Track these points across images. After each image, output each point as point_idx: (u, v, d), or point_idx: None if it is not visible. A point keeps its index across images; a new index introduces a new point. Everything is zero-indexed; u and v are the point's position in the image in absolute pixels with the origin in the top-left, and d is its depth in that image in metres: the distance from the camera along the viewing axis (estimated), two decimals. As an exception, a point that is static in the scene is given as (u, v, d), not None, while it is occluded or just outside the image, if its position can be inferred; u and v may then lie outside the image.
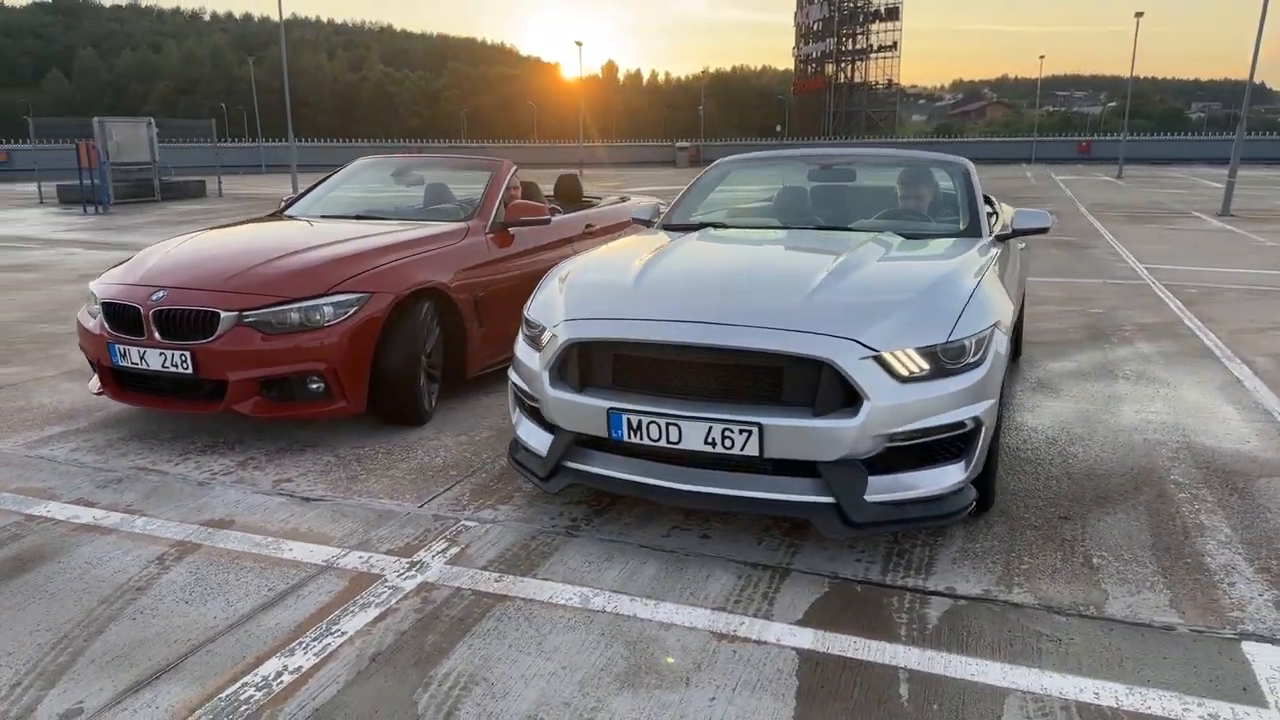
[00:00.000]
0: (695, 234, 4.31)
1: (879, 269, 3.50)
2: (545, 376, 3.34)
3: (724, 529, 3.41)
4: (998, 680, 2.47)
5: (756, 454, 2.99)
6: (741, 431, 2.98)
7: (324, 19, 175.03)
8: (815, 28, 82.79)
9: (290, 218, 5.62)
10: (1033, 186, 29.56)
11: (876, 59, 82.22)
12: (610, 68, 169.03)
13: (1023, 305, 5.71)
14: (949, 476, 3.09)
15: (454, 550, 3.26)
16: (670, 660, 2.56)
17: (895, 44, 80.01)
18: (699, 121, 75.65)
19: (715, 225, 4.50)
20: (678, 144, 63.83)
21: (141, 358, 4.26)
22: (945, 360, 3.06)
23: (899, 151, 5.18)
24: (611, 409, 3.15)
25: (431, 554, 3.23)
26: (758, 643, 2.66)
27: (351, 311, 4.25)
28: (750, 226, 4.52)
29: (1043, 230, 4.36)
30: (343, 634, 2.72)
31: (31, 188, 24.39)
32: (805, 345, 2.96)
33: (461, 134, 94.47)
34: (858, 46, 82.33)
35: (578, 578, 3.05)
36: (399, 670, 2.54)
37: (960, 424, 3.04)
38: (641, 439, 3.13)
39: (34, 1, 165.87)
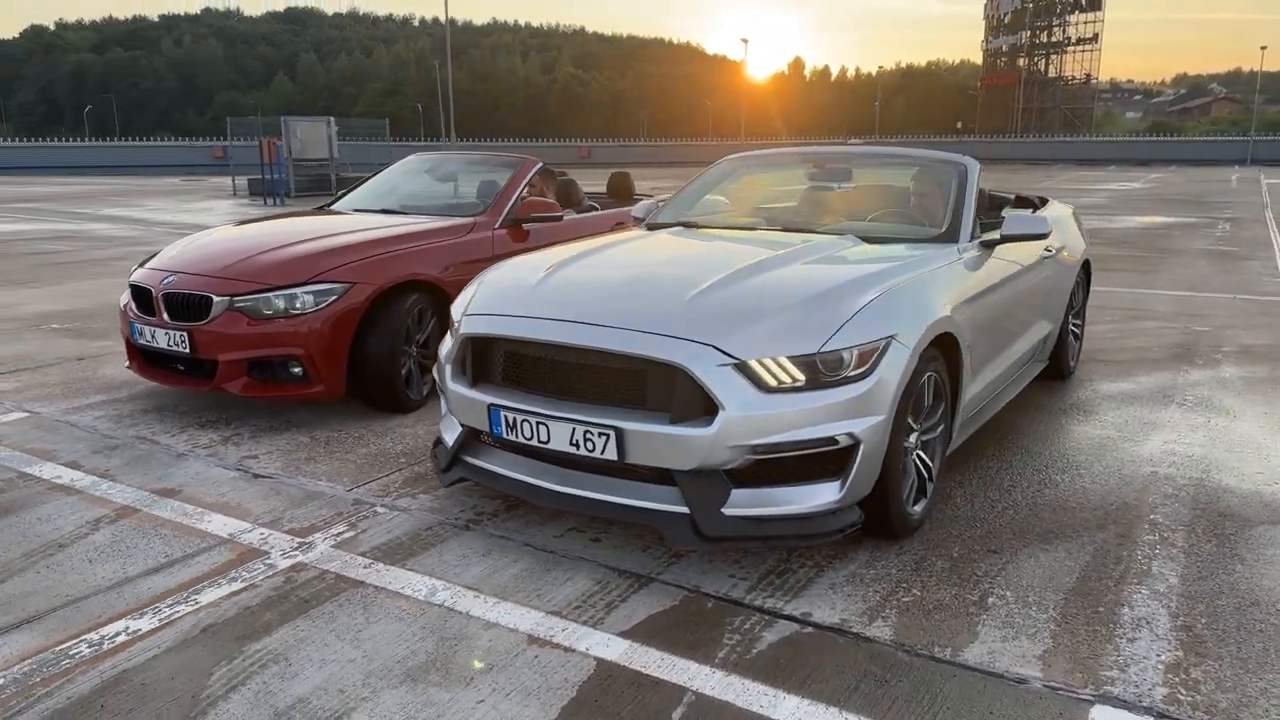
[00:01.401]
0: (654, 233, 4.23)
1: (786, 273, 3.31)
2: (448, 370, 3.40)
3: (620, 534, 3.34)
4: (787, 716, 2.31)
5: (615, 458, 2.92)
6: (600, 434, 2.92)
7: (522, 22, 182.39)
8: (1005, 19, 78.18)
9: (332, 211, 5.93)
10: (1228, 191, 26.79)
11: (1074, 52, 76.71)
12: (797, 64, 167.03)
13: (1067, 319, 5.23)
14: (821, 495, 2.90)
15: (348, 535, 3.36)
16: (478, 664, 2.54)
17: (1096, 36, 74.22)
18: (887, 117, 73.31)
19: (686, 225, 4.40)
20: (849, 140, 62.10)
21: (153, 336, 4.65)
22: (824, 371, 2.88)
23: (898, 151, 4.87)
24: (492, 405, 3.16)
25: (326, 536, 3.35)
26: (567, 650, 2.60)
27: (331, 300, 4.45)
28: (720, 226, 4.38)
29: (1038, 236, 3.99)
30: (195, 603, 2.88)
31: (242, 182, 26.80)
32: (661, 350, 2.86)
33: (641, 133, 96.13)
34: (1053, 39, 77.07)
35: (441, 571, 3.08)
36: (219, 643, 2.65)
37: (831, 440, 2.85)
38: (517, 437, 3.12)
39: (267, 11, 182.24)
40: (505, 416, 3.12)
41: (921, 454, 3.35)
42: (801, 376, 2.87)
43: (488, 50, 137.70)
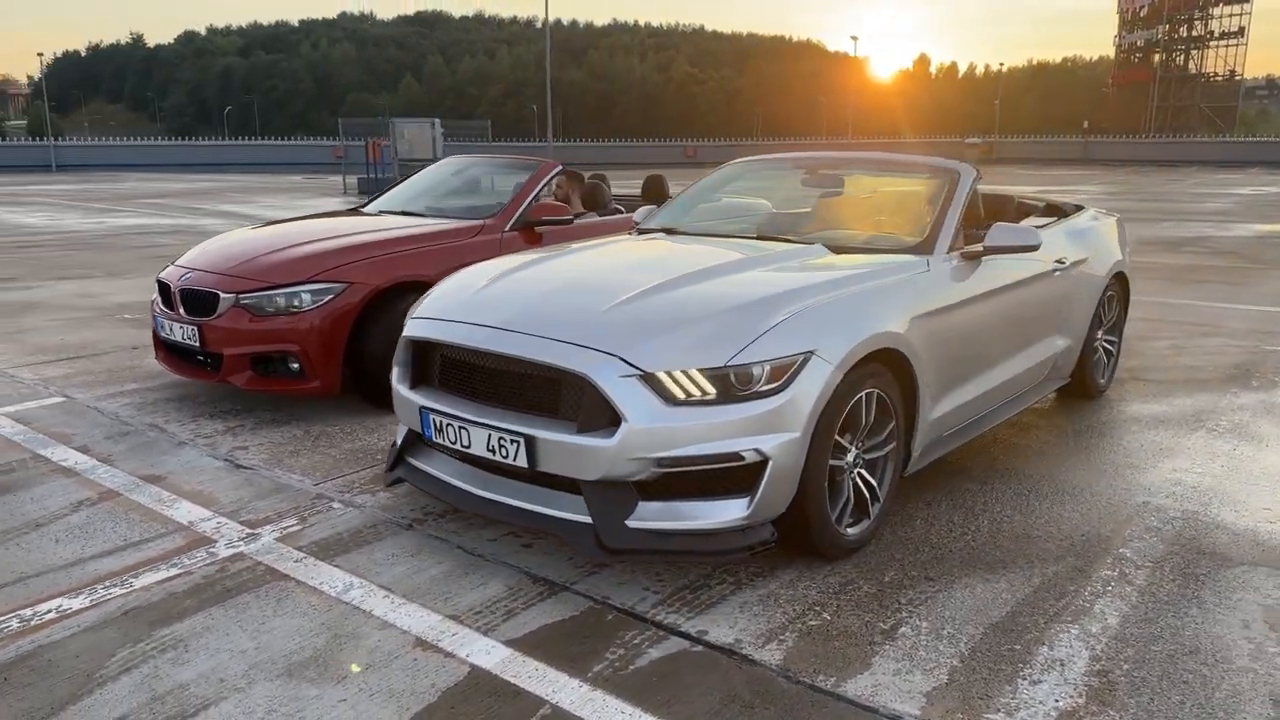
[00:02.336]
0: (628, 239, 4.22)
1: (719, 284, 3.23)
2: (396, 371, 3.47)
3: (553, 541, 3.33)
4: (634, 736, 2.27)
5: (526, 465, 2.92)
6: (512, 441, 2.93)
7: (641, 23, 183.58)
8: (1141, 13, 73.71)
9: (361, 212, 6.13)
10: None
11: (1217, 47, 71.76)
12: (922, 61, 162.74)
13: (1092, 335, 4.92)
14: (728, 512, 2.84)
15: (294, 528, 3.47)
16: (355, 668, 2.59)
17: (1242, 30, 69.17)
18: (1015, 115, 70.50)
19: (669, 230, 4.36)
20: (966, 139, 59.86)
21: (171, 329, 4.92)
22: (736, 385, 2.81)
23: (893, 157, 4.66)
24: (422, 407, 3.22)
25: (274, 528, 3.47)
26: (447, 655, 2.62)
27: (327, 299, 4.61)
28: (700, 233, 4.30)
29: (1027, 248, 3.77)
30: (129, 586, 3.03)
31: (352, 180, 28.01)
32: (567, 358, 2.85)
33: (755, 132, 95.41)
34: (1194, 33, 72.26)
35: (365, 568, 3.15)
36: (133, 626, 2.79)
37: (736, 455, 2.78)
38: (444, 441, 3.17)
39: (399, 15, 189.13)
40: (434, 420, 3.17)
41: (865, 474, 3.23)
42: (712, 390, 2.81)
43: (606, 51, 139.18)
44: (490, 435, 2.98)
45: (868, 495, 3.24)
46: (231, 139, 65.23)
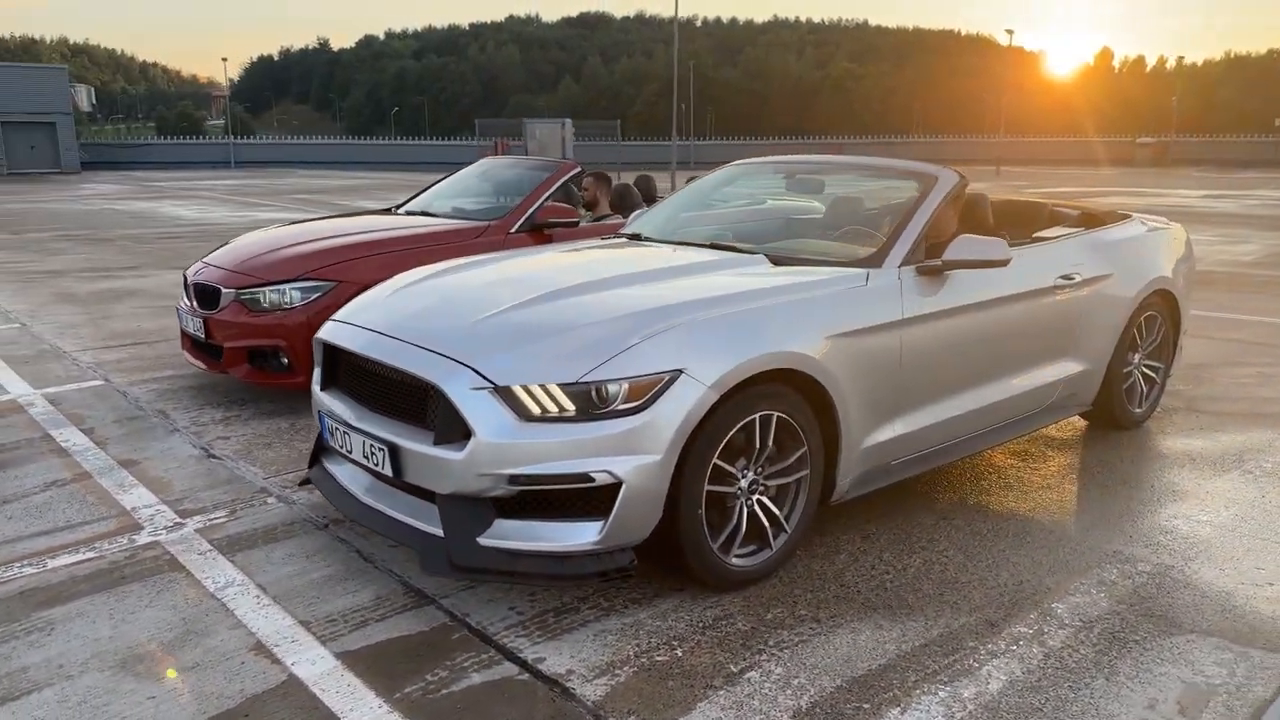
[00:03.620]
0: (586, 244, 4.11)
1: (610, 294, 3.07)
2: (315, 371, 3.51)
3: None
4: (402, 765, 2.19)
5: (392, 474, 2.89)
6: (379, 449, 2.90)
7: (802, 19, 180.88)
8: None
9: (389, 212, 6.29)
10: None
11: None
12: (1105, 55, 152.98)
13: (1120, 360, 4.43)
14: (581, 535, 2.70)
15: (219, 520, 3.57)
16: (171, 673, 2.60)
17: None
18: (1206, 111, 65.11)
19: (633, 236, 4.22)
20: (1138, 139, 55.70)
21: (187, 322, 5.18)
22: (596, 403, 2.67)
23: (870, 161, 4.29)
24: (319, 411, 3.24)
25: (201, 519, 3.58)
26: (274, 662, 2.61)
27: (315, 297, 4.74)
28: (660, 240, 4.13)
29: (993, 263, 3.41)
30: (43, 567, 3.19)
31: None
32: (423, 367, 2.80)
33: (914, 128, 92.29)
34: None
35: (255, 566, 3.19)
36: (21, 606, 2.93)
37: (585, 476, 2.64)
38: (336, 445, 3.17)
39: (562, 17, 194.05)
40: (328, 423, 3.18)
41: (766, 502, 3.01)
42: (572, 407, 2.68)
43: (763, 48, 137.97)
44: (364, 442, 2.97)
45: (768, 525, 3.02)
46: (399, 138, 68.77)
